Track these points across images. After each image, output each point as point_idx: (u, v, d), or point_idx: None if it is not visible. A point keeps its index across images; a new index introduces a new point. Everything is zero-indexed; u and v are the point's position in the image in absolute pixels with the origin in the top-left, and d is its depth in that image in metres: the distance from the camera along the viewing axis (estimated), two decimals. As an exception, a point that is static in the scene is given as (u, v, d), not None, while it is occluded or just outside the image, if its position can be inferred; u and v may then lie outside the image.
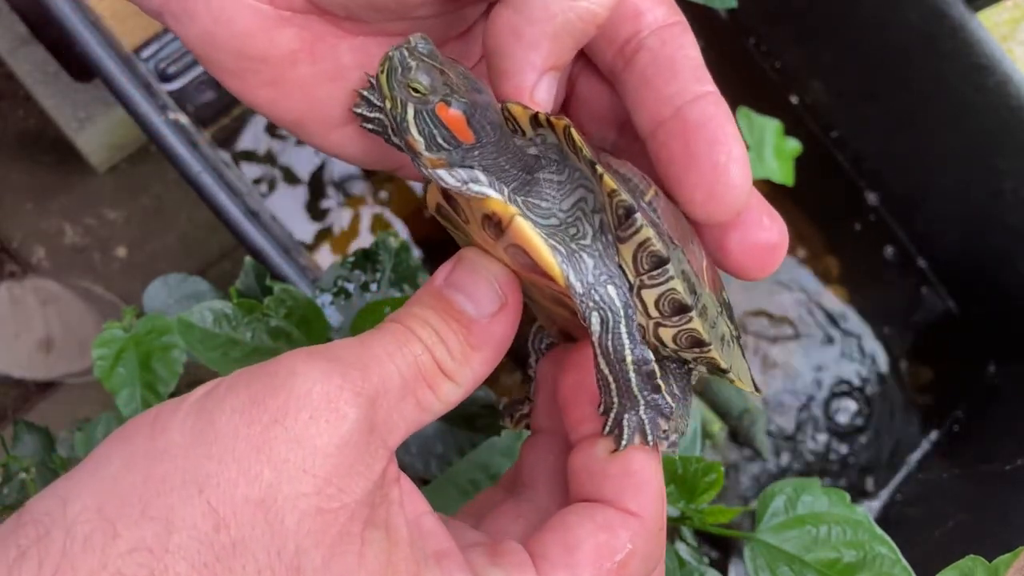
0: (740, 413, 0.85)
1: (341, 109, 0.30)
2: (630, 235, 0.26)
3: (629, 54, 0.27)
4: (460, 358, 0.27)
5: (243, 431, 0.23)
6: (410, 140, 0.26)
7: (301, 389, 0.23)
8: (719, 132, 0.25)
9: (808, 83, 0.95)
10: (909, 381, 0.95)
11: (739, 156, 0.25)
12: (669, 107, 0.26)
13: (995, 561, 0.37)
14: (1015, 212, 0.88)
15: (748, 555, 0.44)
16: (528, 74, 0.26)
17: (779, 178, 0.93)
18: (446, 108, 0.25)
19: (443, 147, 0.26)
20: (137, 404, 0.61)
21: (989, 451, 0.85)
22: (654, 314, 0.28)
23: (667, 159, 0.26)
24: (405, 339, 0.26)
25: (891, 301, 0.97)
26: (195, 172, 0.61)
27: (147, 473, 0.22)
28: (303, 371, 0.24)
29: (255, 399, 0.23)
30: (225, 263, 0.96)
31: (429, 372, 0.26)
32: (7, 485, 0.57)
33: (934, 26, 0.82)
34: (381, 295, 0.56)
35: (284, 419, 0.23)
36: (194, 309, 0.48)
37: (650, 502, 0.28)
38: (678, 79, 0.26)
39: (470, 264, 0.28)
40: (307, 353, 0.25)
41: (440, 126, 0.25)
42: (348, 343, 0.26)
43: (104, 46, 0.61)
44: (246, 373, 0.24)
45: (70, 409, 0.92)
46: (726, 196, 0.25)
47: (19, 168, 0.96)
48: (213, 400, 0.23)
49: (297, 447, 0.23)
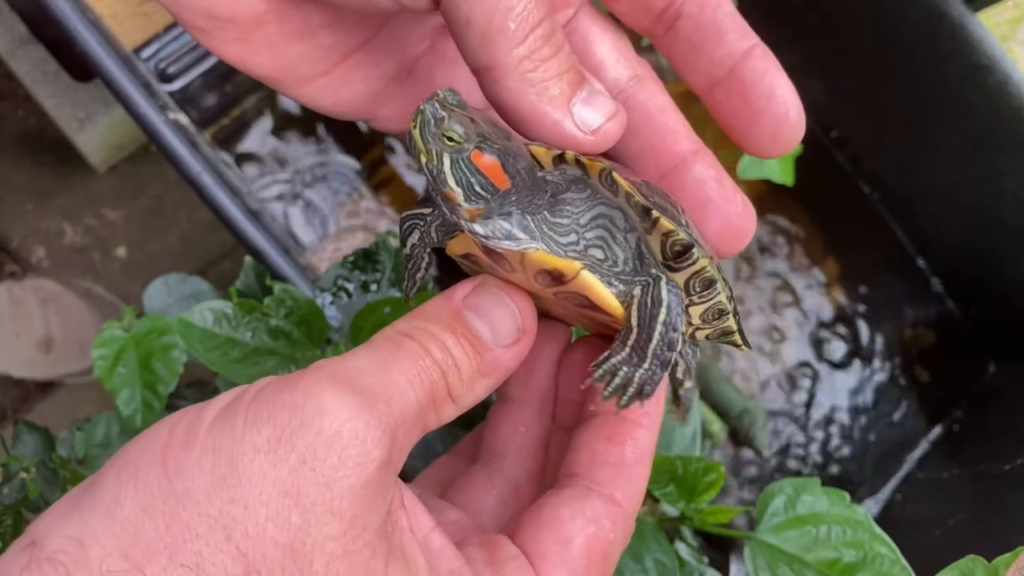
0: (740, 413, 0.85)
1: (311, 66, 0.30)
2: (686, 266, 0.28)
3: (669, 21, 0.29)
4: (468, 383, 0.27)
5: (270, 473, 0.22)
6: (448, 192, 0.26)
7: (330, 429, 0.23)
8: (775, 86, 0.28)
9: (808, 83, 0.95)
10: (909, 381, 0.95)
11: (794, 101, 0.28)
12: (722, 68, 0.28)
13: (995, 561, 0.37)
14: (1015, 212, 0.88)
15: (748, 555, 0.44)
16: None
17: (779, 178, 0.93)
18: (481, 155, 0.26)
19: (481, 196, 0.26)
20: (137, 404, 0.61)
21: (989, 450, 0.85)
22: (696, 322, 0.29)
23: (730, 114, 0.29)
24: (423, 364, 0.26)
25: (891, 301, 0.97)
26: (195, 172, 0.61)
27: (170, 519, 0.22)
28: (332, 408, 0.23)
29: (280, 437, 0.23)
30: (225, 263, 0.96)
31: (440, 397, 0.27)
32: (7, 485, 0.57)
33: (934, 26, 0.82)
34: (381, 295, 0.56)
35: (312, 460, 0.22)
36: (194, 309, 0.48)
37: (635, 494, 0.29)
38: (725, 40, 0.28)
39: (494, 291, 0.28)
40: (332, 381, 0.24)
41: (477, 174, 0.26)
42: (369, 365, 0.25)
43: (104, 46, 0.61)
44: (266, 402, 0.23)
45: (70, 409, 0.92)
46: (790, 137, 0.28)
47: (19, 168, 0.96)
48: (230, 436, 0.23)
49: (326, 490, 0.23)
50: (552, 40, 0.26)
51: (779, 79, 0.28)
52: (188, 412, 0.24)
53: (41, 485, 0.58)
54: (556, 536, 0.27)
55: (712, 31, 0.28)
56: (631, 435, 0.29)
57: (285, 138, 0.89)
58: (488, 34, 0.25)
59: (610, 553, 0.28)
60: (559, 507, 0.28)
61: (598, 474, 0.29)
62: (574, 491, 0.29)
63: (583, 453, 0.30)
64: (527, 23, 0.25)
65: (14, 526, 0.57)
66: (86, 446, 0.62)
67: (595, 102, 0.27)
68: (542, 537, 0.28)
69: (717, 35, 0.28)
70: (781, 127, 0.28)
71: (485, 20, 0.25)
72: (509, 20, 0.25)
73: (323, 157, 0.89)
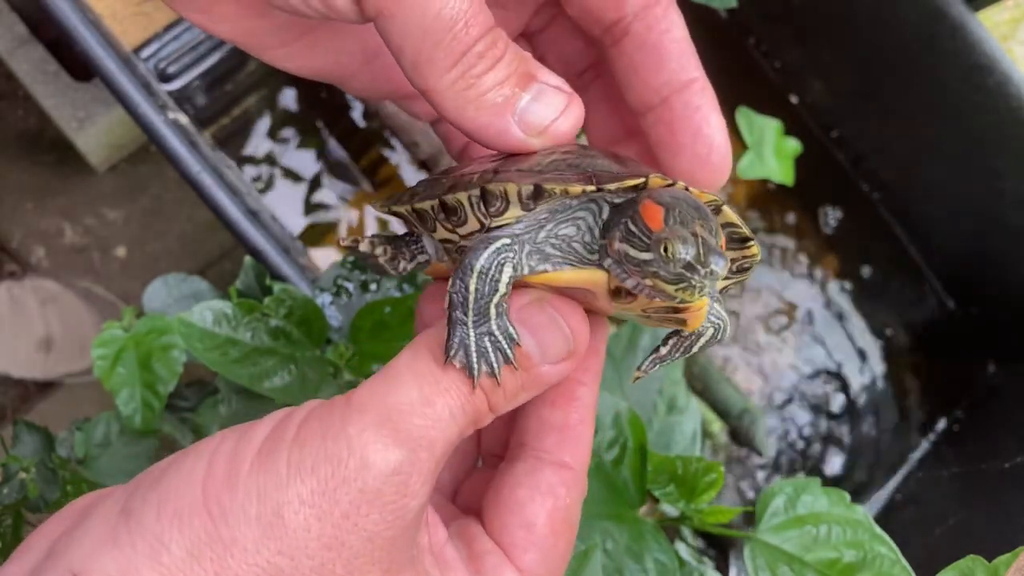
0: (740, 413, 0.85)
1: (271, 37, 0.30)
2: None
3: (617, 36, 0.29)
4: (510, 399, 0.27)
5: (315, 527, 0.23)
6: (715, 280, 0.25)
7: (373, 487, 0.23)
8: (703, 124, 0.28)
9: (808, 83, 0.95)
10: (909, 380, 0.95)
11: (720, 143, 0.28)
12: (657, 96, 0.28)
13: (995, 561, 0.37)
14: (1015, 212, 0.88)
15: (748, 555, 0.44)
16: None
17: (779, 177, 0.93)
18: None
19: None
20: (137, 404, 0.61)
21: (989, 450, 0.85)
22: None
23: (656, 141, 0.29)
24: (468, 394, 0.26)
25: (891, 301, 0.97)
26: (195, 172, 0.61)
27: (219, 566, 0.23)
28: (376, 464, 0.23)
29: (324, 491, 0.23)
30: (225, 263, 0.96)
31: (482, 417, 0.27)
32: (7, 485, 0.57)
33: (934, 26, 0.82)
34: (381, 295, 0.56)
35: (356, 516, 0.23)
36: (194, 309, 0.48)
37: (583, 454, 0.30)
38: (665, 68, 0.28)
39: (548, 311, 0.27)
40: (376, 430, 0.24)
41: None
42: (413, 399, 0.25)
43: (104, 46, 0.61)
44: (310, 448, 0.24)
45: (70, 409, 0.92)
46: (710, 179, 0.28)
47: (19, 168, 0.96)
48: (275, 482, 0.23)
49: (368, 543, 0.24)
50: (490, 53, 0.26)
51: (710, 118, 0.28)
52: (226, 441, 0.24)
53: (41, 485, 0.58)
54: (520, 520, 0.28)
55: (654, 56, 0.28)
56: (574, 396, 0.30)
57: (284, 137, 0.89)
58: (418, 63, 0.26)
59: (571, 517, 0.29)
60: (516, 489, 0.29)
61: (546, 442, 0.30)
62: (526, 464, 0.29)
63: (531, 420, 0.30)
64: (456, 50, 0.25)
65: (14, 526, 0.57)
66: (86, 446, 0.62)
67: (545, 99, 0.27)
68: (508, 523, 0.28)
69: (658, 61, 0.28)
70: (702, 167, 0.28)
71: (414, 50, 0.25)
72: (438, 51, 0.25)
73: (323, 156, 0.89)
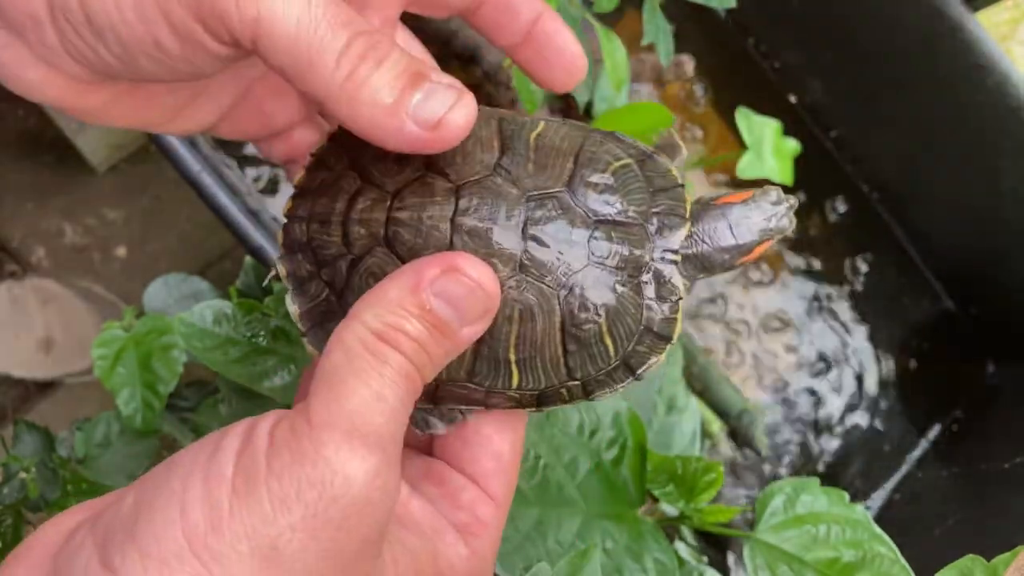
0: (739, 413, 0.85)
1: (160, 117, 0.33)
2: None
3: (474, 7, 0.35)
4: (440, 365, 0.29)
5: (312, 546, 0.24)
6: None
7: (361, 495, 0.25)
8: (559, 39, 0.35)
9: (808, 83, 0.95)
10: (908, 380, 0.95)
11: (576, 48, 0.35)
12: (519, 34, 0.35)
13: (994, 560, 0.37)
14: (1015, 212, 0.88)
15: (748, 555, 0.44)
16: None
17: (779, 178, 0.93)
18: None
19: None
20: (137, 404, 0.61)
21: (988, 450, 0.85)
22: None
23: (530, 67, 0.36)
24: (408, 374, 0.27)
25: (891, 300, 0.97)
26: (195, 172, 0.61)
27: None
28: (358, 478, 0.25)
29: (315, 514, 0.24)
30: (225, 263, 0.96)
31: (420, 388, 0.28)
32: (7, 485, 0.57)
33: (933, 26, 0.82)
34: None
35: (347, 527, 0.25)
36: (194, 309, 0.48)
37: None
38: (519, 16, 0.35)
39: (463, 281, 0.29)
40: (348, 445, 0.25)
41: None
42: (367, 399, 0.26)
43: (104, 46, 0.61)
44: (288, 478, 0.24)
45: (70, 409, 0.92)
46: (578, 76, 0.36)
47: (19, 168, 0.96)
48: (261, 519, 0.24)
49: (363, 546, 0.25)
50: (371, 54, 0.27)
51: (565, 35, 0.35)
52: (191, 478, 0.25)
53: (41, 485, 0.58)
54: (489, 452, 0.32)
55: (508, 11, 0.35)
56: None
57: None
58: (301, 73, 0.27)
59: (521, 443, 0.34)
60: (483, 426, 0.32)
61: None
62: None
63: None
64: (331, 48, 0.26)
65: (14, 526, 0.57)
66: (86, 446, 0.62)
67: (435, 96, 0.28)
68: (477, 456, 0.32)
69: (513, 14, 0.35)
70: (571, 71, 0.35)
71: (293, 62, 0.26)
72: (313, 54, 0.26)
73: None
